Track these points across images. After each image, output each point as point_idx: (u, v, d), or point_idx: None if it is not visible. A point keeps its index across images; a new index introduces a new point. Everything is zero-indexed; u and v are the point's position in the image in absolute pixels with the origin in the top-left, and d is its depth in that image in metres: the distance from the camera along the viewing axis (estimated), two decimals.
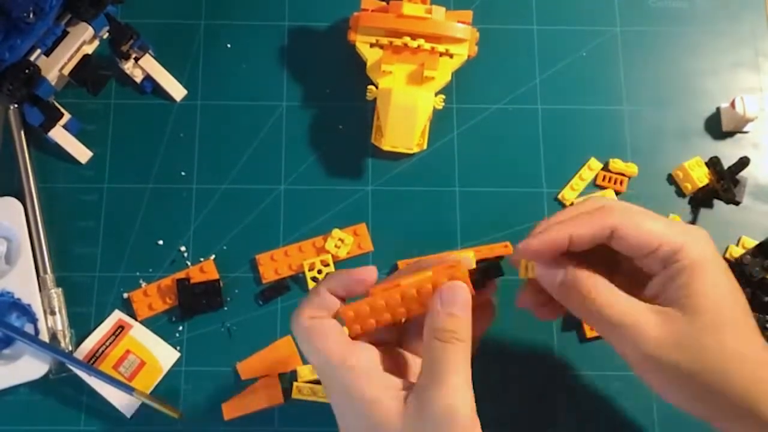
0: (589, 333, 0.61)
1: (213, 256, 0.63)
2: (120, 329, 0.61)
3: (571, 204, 0.63)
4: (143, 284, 0.62)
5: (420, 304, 0.46)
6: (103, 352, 0.60)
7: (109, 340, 0.60)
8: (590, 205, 0.48)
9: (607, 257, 0.48)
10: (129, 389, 0.58)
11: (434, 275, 0.46)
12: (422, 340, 0.45)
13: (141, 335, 0.61)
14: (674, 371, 0.44)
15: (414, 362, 0.49)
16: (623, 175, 0.65)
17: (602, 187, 0.65)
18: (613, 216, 0.46)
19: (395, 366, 0.47)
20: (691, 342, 0.43)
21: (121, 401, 0.59)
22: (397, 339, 0.50)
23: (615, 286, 0.46)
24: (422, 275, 0.46)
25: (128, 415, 0.59)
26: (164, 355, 0.60)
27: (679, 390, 0.45)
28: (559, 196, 0.64)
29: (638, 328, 0.44)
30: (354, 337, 0.46)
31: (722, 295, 0.44)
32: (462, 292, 0.45)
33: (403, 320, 0.49)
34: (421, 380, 0.43)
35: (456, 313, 0.44)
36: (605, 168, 0.65)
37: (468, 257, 0.47)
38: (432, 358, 0.44)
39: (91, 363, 0.59)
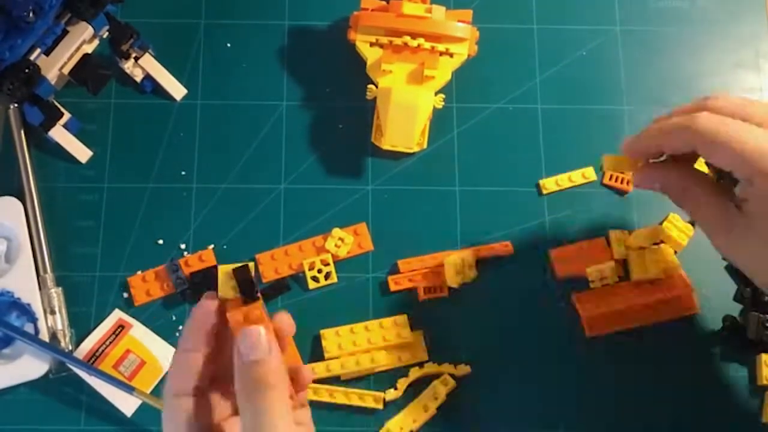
0: (589, 333, 0.61)
1: (212, 246, 0.63)
2: (120, 329, 0.61)
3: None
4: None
5: None
6: (103, 351, 0.60)
7: (109, 340, 0.60)
8: (680, 120, 0.49)
9: None
10: (129, 389, 0.58)
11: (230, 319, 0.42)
12: (229, 381, 0.42)
13: (141, 335, 0.61)
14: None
15: (220, 405, 0.45)
16: (625, 173, 0.65)
17: (609, 187, 0.65)
18: (695, 137, 0.47)
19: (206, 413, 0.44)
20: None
21: (122, 401, 0.59)
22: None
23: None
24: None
25: (128, 415, 0.59)
26: (164, 355, 0.60)
27: None
28: (540, 182, 0.64)
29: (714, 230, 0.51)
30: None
31: None
32: (257, 337, 0.41)
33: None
34: None
35: (258, 359, 0.41)
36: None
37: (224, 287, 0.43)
38: (248, 411, 0.40)
39: (91, 362, 0.59)
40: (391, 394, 0.59)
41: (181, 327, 0.61)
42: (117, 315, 0.61)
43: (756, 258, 0.49)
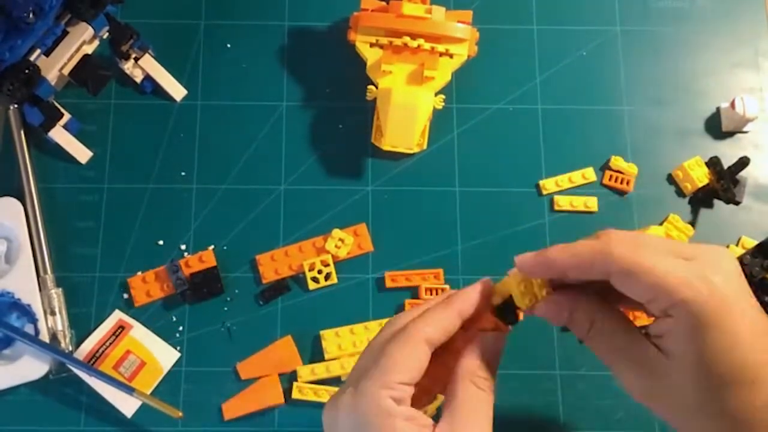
0: None
1: (212, 246, 0.63)
2: (120, 329, 0.61)
3: None
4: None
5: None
6: (103, 352, 0.60)
7: (110, 341, 0.60)
8: (592, 243, 0.42)
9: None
10: (129, 389, 0.58)
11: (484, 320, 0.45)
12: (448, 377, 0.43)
13: (141, 335, 0.61)
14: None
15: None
16: (625, 173, 0.65)
17: (609, 187, 0.65)
18: (606, 263, 0.40)
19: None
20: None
21: (122, 402, 0.59)
22: None
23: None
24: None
25: (128, 416, 0.59)
26: (164, 355, 0.60)
27: None
28: (540, 183, 0.64)
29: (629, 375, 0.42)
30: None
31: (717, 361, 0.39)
32: (502, 344, 0.44)
33: None
34: (451, 421, 0.42)
35: (492, 363, 0.44)
36: (607, 167, 0.65)
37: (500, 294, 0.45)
38: (464, 400, 0.42)
39: (91, 363, 0.59)
40: None
41: (181, 328, 0.61)
42: (117, 316, 0.61)
43: (681, 407, 0.41)
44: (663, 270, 0.39)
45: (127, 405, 0.59)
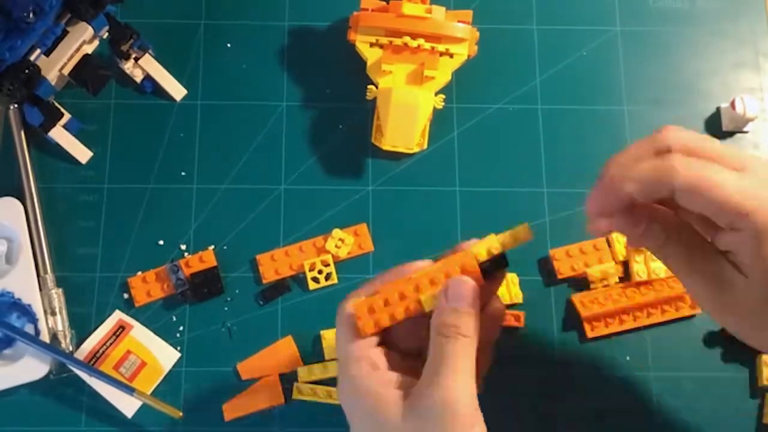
0: (590, 333, 0.61)
1: (212, 246, 0.63)
2: (120, 329, 0.61)
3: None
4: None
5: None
6: (103, 352, 0.60)
7: (110, 341, 0.60)
8: (649, 155, 0.43)
9: None
10: (130, 390, 0.58)
11: (446, 266, 0.45)
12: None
13: (141, 336, 0.61)
14: None
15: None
16: None
17: None
18: (674, 184, 0.41)
19: (411, 372, 0.46)
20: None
21: (122, 402, 0.59)
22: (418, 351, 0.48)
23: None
24: (435, 266, 0.46)
25: (129, 416, 0.59)
26: (165, 356, 0.60)
27: None
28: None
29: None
30: (368, 334, 0.46)
31: None
32: (467, 286, 0.44)
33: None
34: (423, 376, 0.43)
35: (460, 308, 0.44)
36: None
37: (482, 244, 0.46)
38: (435, 353, 0.43)
39: (91, 363, 0.59)
40: None
41: (181, 328, 0.61)
42: (117, 316, 0.61)
43: (754, 316, 0.43)
44: (726, 185, 0.40)
45: (128, 405, 0.59)
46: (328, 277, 0.62)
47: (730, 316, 0.44)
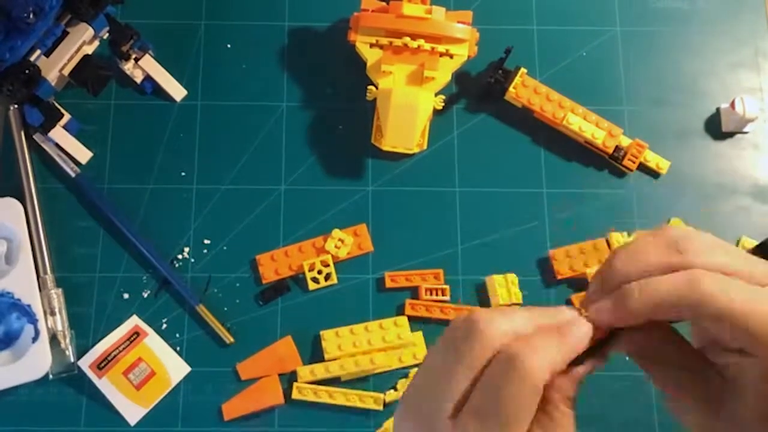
0: None
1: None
2: (135, 335, 0.60)
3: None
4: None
5: None
6: (116, 356, 0.60)
7: (123, 345, 0.60)
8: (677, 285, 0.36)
9: None
10: (196, 300, 0.60)
11: None
12: None
13: (155, 344, 0.60)
14: None
15: None
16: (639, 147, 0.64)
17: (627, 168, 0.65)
18: (696, 308, 0.35)
19: None
20: None
21: (128, 409, 0.59)
22: None
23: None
24: None
25: (132, 424, 0.59)
26: (175, 368, 0.60)
27: None
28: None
29: None
30: None
31: None
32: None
33: None
34: None
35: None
36: (617, 150, 0.64)
37: None
38: (557, 421, 0.36)
39: (101, 366, 0.59)
40: (391, 396, 0.59)
41: (181, 329, 0.61)
42: (134, 321, 0.61)
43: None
44: (754, 315, 0.35)
45: (132, 413, 0.59)
46: (327, 277, 0.62)
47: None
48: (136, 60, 0.65)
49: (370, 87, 0.64)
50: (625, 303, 0.36)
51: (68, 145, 0.64)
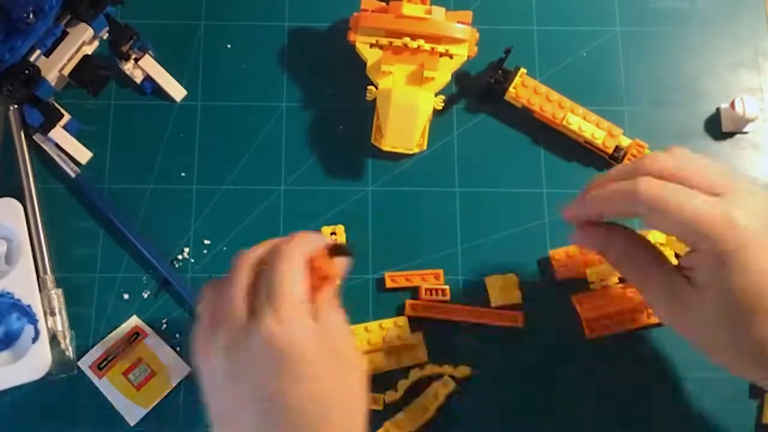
0: (589, 334, 0.61)
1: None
2: (135, 336, 0.60)
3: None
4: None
5: None
6: (115, 356, 0.60)
7: (123, 345, 0.60)
8: (624, 178, 0.47)
9: None
10: (196, 300, 0.60)
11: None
12: None
13: (155, 345, 0.60)
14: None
15: None
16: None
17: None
18: (637, 203, 0.45)
19: None
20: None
21: (128, 409, 0.59)
22: None
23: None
24: None
25: (132, 424, 0.59)
26: (175, 368, 0.60)
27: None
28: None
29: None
30: None
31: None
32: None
33: None
34: None
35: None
36: (617, 150, 0.64)
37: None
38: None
39: (102, 366, 0.59)
40: (391, 396, 0.59)
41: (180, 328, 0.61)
42: (134, 321, 0.61)
43: (706, 333, 0.46)
44: (687, 207, 0.43)
45: (132, 414, 0.59)
46: None
47: (688, 333, 0.47)
48: (136, 60, 0.65)
49: (369, 87, 0.64)
50: (583, 197, 0.50)
51: (68, 146, 0.64)
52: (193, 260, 0.63)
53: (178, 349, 0.61)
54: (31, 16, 0.57)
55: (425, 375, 0.60)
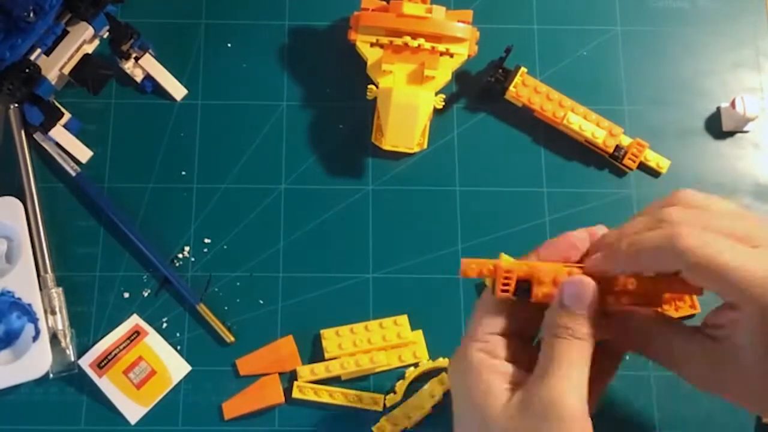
0: None
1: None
2: (136, 334, 0.60)
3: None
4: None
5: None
6: (116, 355, 0.60)
7: (124, 344, 0.60)
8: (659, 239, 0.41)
9: None
10: (196, 299, 0.60)
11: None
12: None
13: (155, 344, 0.60)
14: None
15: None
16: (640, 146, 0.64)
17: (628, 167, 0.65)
18: (680, 259, 0.40)
19: (525, 360, 0.43)
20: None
21: (128, 408, 0.59)
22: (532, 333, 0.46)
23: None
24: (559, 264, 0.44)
25: (132, 423, 0.59)
26: (175, 367, 0.60)
27: None
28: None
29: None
30: (501, 292, 0.43)
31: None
32: (584, 288, 0.42)
33: None
34: (532, 375, 0.41)
35: (574, 310, 0.42)
36: (617, 149, 0.64)
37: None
38: (545, 353, 0.42)
39: (102, 365, 0.59)
40: (391, 399, 0.59)
41: (181, 327, 0.61)
42: (135, 320, 0.61)
43: (747, 393, 0.42)
44: (733, 266, 0.39)
45: (133, 412, 0.59)
46: None
47: (724, 390, 0.43)
48: (137, 59, 0.66)
49: (370, 86, 0.64)
50: (614, 252, 0.42)
51: (68, 144, 0.64)
52: (193, 259, 0.63)
53: (178, 347, 0.61)
54: (31, 14, 0.57)
55: (422, 371, 0.59)
